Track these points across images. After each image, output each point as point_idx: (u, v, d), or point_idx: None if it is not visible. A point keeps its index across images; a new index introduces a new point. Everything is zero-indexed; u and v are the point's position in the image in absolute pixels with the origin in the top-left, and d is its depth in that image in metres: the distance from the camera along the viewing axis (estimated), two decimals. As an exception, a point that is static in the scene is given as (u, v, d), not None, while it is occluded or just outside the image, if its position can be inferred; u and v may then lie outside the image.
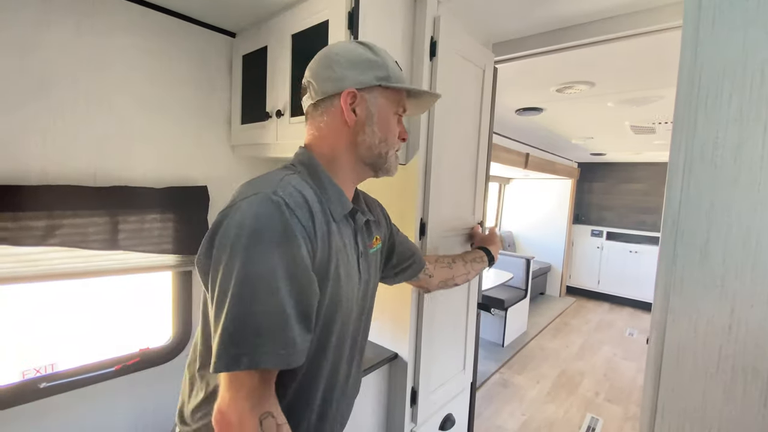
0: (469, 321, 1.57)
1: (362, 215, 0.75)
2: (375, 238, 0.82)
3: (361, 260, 0.73)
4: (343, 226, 0.69)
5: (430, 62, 1.24)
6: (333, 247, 0.64)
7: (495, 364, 3.34)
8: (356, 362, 0.79)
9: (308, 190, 0.63)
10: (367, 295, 0.78)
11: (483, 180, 1.57)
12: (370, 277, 0.78)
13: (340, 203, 0.68)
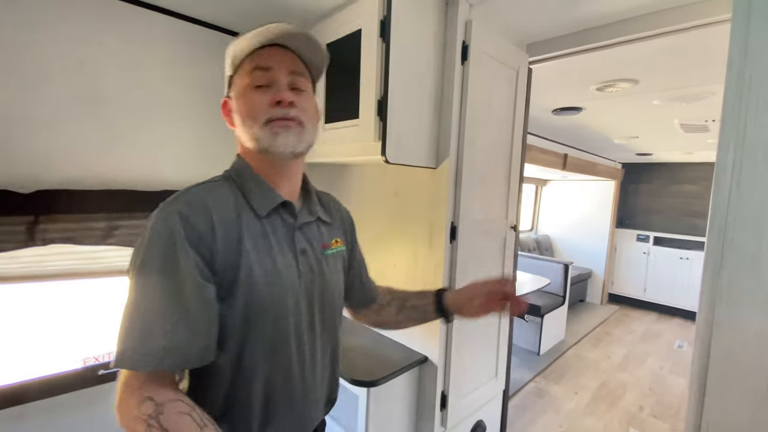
0: (501, 327, 1.54)
1: (309, 216, 0.74)
2: (335, 240, 0.79)
3: (302, 258, 0.69)
4: (275, 220, 0.68)
5: (462, 66, 1.24)
6: (243, 242, 0.62)
7: (530, 372, 3.24)
8: (319, 362, 0.73)
9: (217, 195, 0.64)
10: (315, 293, 0.71)
11: (517, 182, 1.54)
12: (317, 276, 0.72)
13: (264, 199, 0.67)
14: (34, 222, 1.08)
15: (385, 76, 1.09)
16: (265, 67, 0.65)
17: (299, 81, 0.68)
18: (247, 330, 0.62)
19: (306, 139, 0.68)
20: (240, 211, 0.64)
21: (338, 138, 1.27)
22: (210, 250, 0.59)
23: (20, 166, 1.11)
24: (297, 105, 0.66)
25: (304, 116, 0.67)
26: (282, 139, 0.64)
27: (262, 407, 0.65)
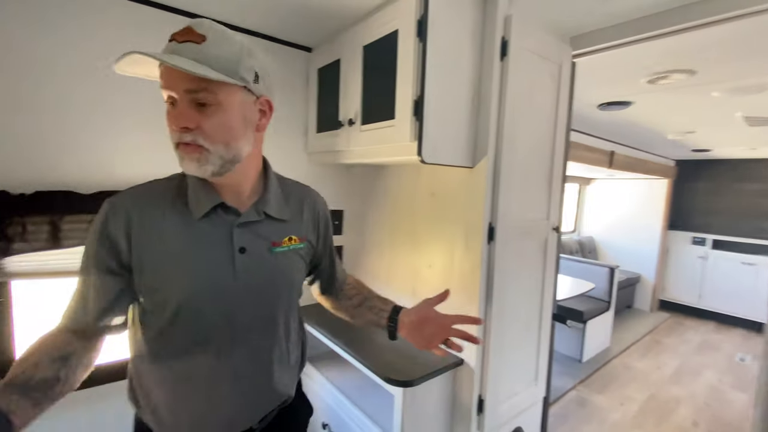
0: (542, 331, 1.49)
1: (253, 212, 0.74)
2: (289, 237, 0.80)
3: (240, 255, 0.72)
4: (214, 220, 0.71)
5: (501, 63, 1.21)
6: (169, 243, 0.67)
7: (571, 380, 3.10)
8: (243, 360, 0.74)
9: (155, 191, 0.71)
10: (258, 290, 0.75)
11: (559, 181, 1.48)
12: (258, 271, 0.74)
13: (200, 201, 0.70)
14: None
15: (421, 75, 1.08)
16: (165, 86, 0.63)
17: (202, 96, 0.62)
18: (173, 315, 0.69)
19: (212, 161, 0.65)
20: (172, 210, 0.69)
21: (374, 139, 1.28)
22: (120, 251, 0.67)
23: (85, 168, 1.21)
24: (198, 126, 0.63)
25: (204, 138, 0.63)
26: (186, 164, 0.66)
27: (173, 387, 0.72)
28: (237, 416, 0.76)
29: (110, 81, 1.23)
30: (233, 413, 0.75)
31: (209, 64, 0.60)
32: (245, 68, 0.65)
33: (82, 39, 1.19)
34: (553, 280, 1.52)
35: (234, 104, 0.65)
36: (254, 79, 0.67)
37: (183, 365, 0.71)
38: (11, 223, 1.07)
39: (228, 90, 0.64)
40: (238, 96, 0.66)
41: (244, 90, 0.67)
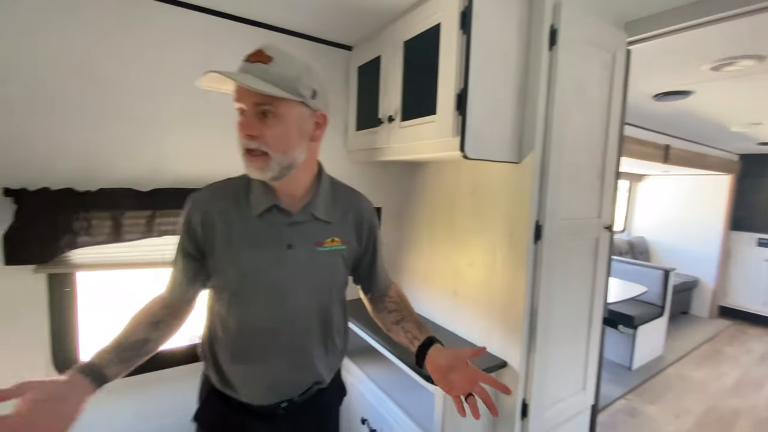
0: (591, 336, 1.41)
1: (303, 214, 0.83)
2: (332, 239, 0.87)
3: (288, 250, 0.81)
4: (269, 218, 0.81)
5: (549, 52, 1.15)
6: (232, 235, 0.80)
7: (619, 388, 2.92)
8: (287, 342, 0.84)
9: (225, 191, 0.83)
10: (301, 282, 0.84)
11: (612, 177, 1.39)
12: (302, 266, 0.83)
13: (259, 200, 0.81)
14: (151, 216, 1.25)
15: (465, 69, 1.05)
16: (237, 98, 0.73)
17: (266, 108, 0.71)
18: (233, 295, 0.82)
19: (272, 167, 0.74)
20: (236, 208, 0.81)
21: (414, 135, 1.26)
22: (199, 240, 0.81)
23: (141, 167, 1.29)
24: (261, 135, 0.72)
25: (267, 146, 0.73)
26: (251, 170, 0.76)
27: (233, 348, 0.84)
28: (281, 387, 0.87)
29: (159, 94, 1.31)
30: (279, 384, 0.86)
31: (274, 81, 0.70)
32: (304, 86, 0.74)
33: (135, 53, 1.26)
34: (604, 282, 1.43)
35: (292, 117, 0.74)
36: (312, 95, 0.76)
37: (240, 338, 0.83)
38: (77, 218, 1.15)
39: (288, 104, 0.73)
40: (296, 110, 0.74)
41: (302, 105, 0.75)
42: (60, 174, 1.16)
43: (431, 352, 0.85)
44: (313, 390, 0.91)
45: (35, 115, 1.14)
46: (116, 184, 1.22)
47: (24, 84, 1.11)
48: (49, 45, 1.14)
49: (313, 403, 0.93)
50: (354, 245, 0.93)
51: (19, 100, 1.11)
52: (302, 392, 0.89)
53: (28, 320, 1.17)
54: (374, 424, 1.48)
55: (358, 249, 0.95)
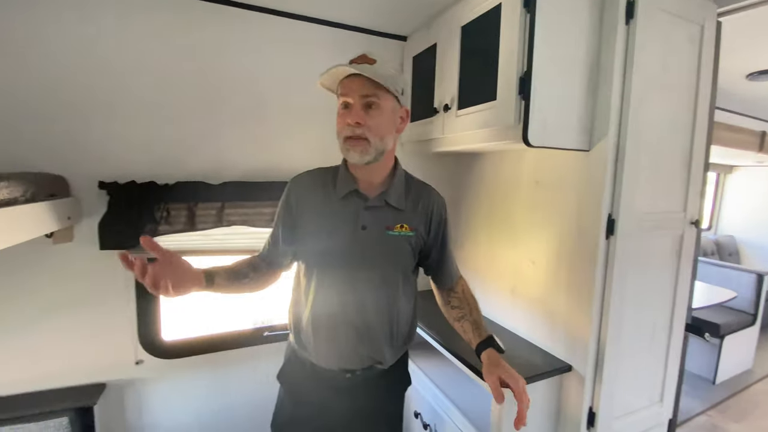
0: (672, 343, 1.27)
1: (378, 200, 0.95)
2: (401, 225, 0.96)
3: (362, 231, 0.93)
4: (349, 201, 0.95)
5: (626, 27, 1.04)
6: (319, 212, 0.95)
7: (700, 403, 2.62)
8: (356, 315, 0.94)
9: (316, 176, 1.00)
10: (370, 261, 0.94)
11: (700, 167, 1.23)
12: (371, 246, 0.94)
13: (343, 185, 0.95)
14: (221, 208, 1.34)
15: (528, 50, 0.98)
16: (345, 94, 0.88)
17: (371, 100, 0.86)
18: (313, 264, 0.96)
19: (370, 152, 0.88)
20: (323, 192, 0.96)
21: (471, 124, 1.21)
22: (294, 215, 0.97)
23: (210, 163, 1.38)
24: (365, 123, 0.86)
25: (370, 133, 0.86)
26: (351, 154, 0.89)
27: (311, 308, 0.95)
28: (346, 357, 0.97)
29: (224, 95, 1.39)
30: (344, 353, 0.96)
31: (381, 79, 0.85)
32: (398, 84, 0.90)
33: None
34: (688, 284, 1.28)
35: (388, 109, 0.89)
36: (401, 93, 0.92)
37: (315, 306, 0.95)
38: (158, 209, 1.27)
39: (386, 97, 0.88)
40: (390, 103, 0.90)
41: (395, 100, 0.91)
42: (143, 169, 1.29)
43: (484, 356, 0.96)
44: (375, 369, 1.00)
45: (120, 116, 1.26)
46: (190, 177, 1.33)
47: (107, 90, 1.24)
48: (127, 51, 1.25)
49: (373, 383, 1.01)
50: (422, 234, 1.01)
51: (107, 104, 1.24)
52: (364, 367, 0.98)
53: (119, 301, 1.32)
54: (427, 419, 1.47)
55: (426, 238, 1.02)
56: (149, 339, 1.37)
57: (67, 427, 1.19)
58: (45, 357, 1.25)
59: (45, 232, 1.02)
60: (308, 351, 0.98)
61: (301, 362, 1.02)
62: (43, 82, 1.17)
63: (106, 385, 1.32)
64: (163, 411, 1.43)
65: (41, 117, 1.18)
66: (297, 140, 1.51)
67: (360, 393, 1.00)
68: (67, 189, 1.20)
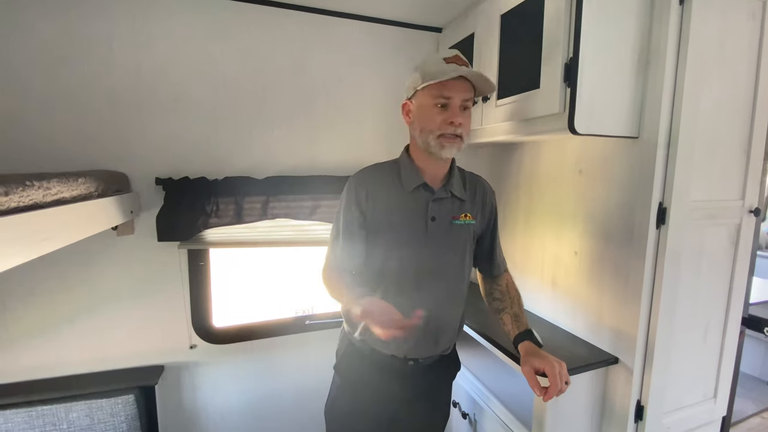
0: (727, 338, 1.21)
1: (445, 193, 0.99)
2: (465, 214, 1.01)
3: (432, 223, 0.97)
4: (417, 194, 0.97)
5: (681, 6, 0.99)
6: (389, 206, 0.96)
7: (754, 404, 2.48)
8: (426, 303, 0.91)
9: (381, 172, 1.01)
10: (435, 247, 0.98)
11: (760, 152, 1.16)
12: (440, 236, 0.98)
13: (410, 180, 0.97)
14: (266, 201, 1.39)
15: (575, 35, 0.96)
16: (447, 94, 0.90)
17: (467, 103, 0.93)
18: (385, 257, 0.97)
19: (461, 147, 0.94)
20: (390, 186, 0.98)
21: (513, 113, 1.20)
22: (364, 210, 0.97)
23: (257, 158, 1.44)
24: (463, 123, 0.91)
25: (464, 132, 0.93)
26: (446, 151, 0.92)
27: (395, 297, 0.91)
28: (420, 346, 1.01)
29: (266, 93, 1.45)
30: (418, 344, 1.00)
31: (487, 84, 0.94)
32: (487, 91, 0.97)
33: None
34: (745, 277, 1.21)
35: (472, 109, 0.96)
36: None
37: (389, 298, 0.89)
38: (209, 203, 1.34)
39: (472, 100, 0.95)
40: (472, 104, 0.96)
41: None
42: (196, 165, 1.37)
43: (521, 348, 0.97)
44: (436, 356, 1.05)
45: (175, 116, 1.34)
46: (237, 173, 1.39)
47: (165, 92, 1.32)
48: (183, 54, 1.33)
49: (433, 368, 1.06)
50: (479, 222, 1.06)
51: (159, 106, 1.32)
52: (430, 355, 1.03)
53: (174, 289, 1.41)
54: (466, 408, 1.48)
55: (482, 226, 1.08)
56: (202, 325, 1.46)
57: (133, 403, 1.30)
58: (110, 340, 1.36)
59: (113, 224, 1.10)
60: (372, 340, 1.00)
61: (358, 351, 1.05)
62: (107, 88, 1.26)
63: (164, 367, 1.43)
64: (215, 393, 1.53)
65: (104, 119, 1.27)
66: (337, 136, 1.55)
67: (420, 378, 1.05)
68: (128, 185, 1.29)
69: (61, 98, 1.22)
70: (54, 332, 1.30)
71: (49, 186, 0.77)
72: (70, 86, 1.23)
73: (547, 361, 0.87)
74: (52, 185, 0.78)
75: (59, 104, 1.22)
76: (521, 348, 0.96)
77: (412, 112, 0.97)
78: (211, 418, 1.53)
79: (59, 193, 0.81)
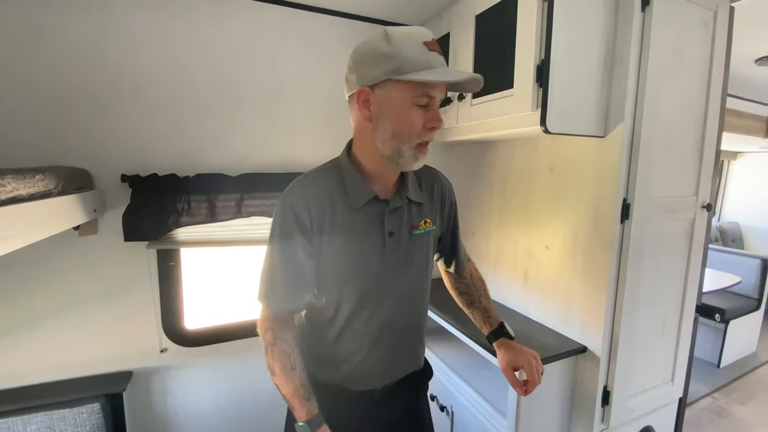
0: (683, 324, 1.30)
1: (400, 200, 0.82)
2: (425, 220, 0.87)
3: (390, 239, 0.80)
4: (368, 208, 0.79)
5: (642, 14, 1.05)
6: (335, 228, 0.77)
7: (705, 386, 2.67)
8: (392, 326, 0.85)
9: (319, 186, 0.78)
10: (401, 267, 0.83)
11: (712, 153, 1.25)
12: (402, 253, 0.83)
13: (358, 195, 0.78)
14: (240, 199, 1.36)
15: (546, 37, 1.00)
16: (433, 95, 0.71)
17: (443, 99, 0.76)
18: (340, 289, 0.80)
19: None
20: (333, 203, 0.77)
21: (488, 112, 1.23)
22: (309, 234, 0.76)
23: (231, 154, 1.40)
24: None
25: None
26: (418, 163, 0.76)
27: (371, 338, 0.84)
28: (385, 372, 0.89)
29: (240, 89, 1.41)
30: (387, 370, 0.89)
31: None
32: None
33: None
34: (699, 267, 1.31)
35: None
36: None
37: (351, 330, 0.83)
38: (180, 200, 1.29)
39: None
40: None
41: None
42: (165, 162, 1.31)
43: (496, 347, 0.94)
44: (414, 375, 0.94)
45: (142, 110, 1.28)
46: (209, 170, 1.35)
47: (131, 85, 1.26)
48: (148, 45, 1.27)
49: (406, 385, 0.94)
50: (439, 223, 0.93)
51: (125, 99, 1.26)
52: (402, 377, 0.91)
53: (143, 290, 1.35)
54: (443, 401, 1.51)
55: (442, 226, 0.95)
56: (173, 327, 1.41)
57: (99, 412, 1.24)
58: (73, 346, 1.29)
59: (75, 223, 1.04)
60: (334, 376, 0.86)
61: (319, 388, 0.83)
62: (65, 78, 1.19)
63: (133, 372, 1.36)
64: (187, 398, 1.47)
65: (63, 111, 1.20)
66: (313, 132, 1.53)
67: (395, 399, 0.93)
68: (91, 182, 1.22)
69: (15, 90, 1.14)
70: (11, 340, 1.22)
71: (3, 183, 0.72)
72: (26, 76, 1.14)
73: (524, 357, 0.87)
74: (7, 182, 0.73)
75: (13, 96, 1.14)
76: (497, 346, 0.94)
77: (373, 106, 0.71)
78: (184, 423, 1.48)
79: (15, 191, 0.76)
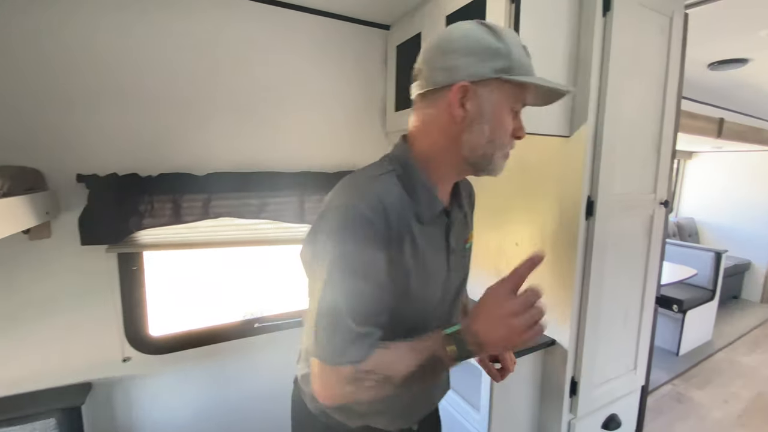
0: (643, 316, 1.37)
1: (459, 211, 0.73)
2: (470, 233, 0.79)
3: (452, 257, 0.71)
4: (433, 226, 0.67)
5: (603, 18, 1.09)
6: (415, 248, 0.63)
7: (665, 374, 2.83)
8: None
9: (392, 195, 0.62)
10: (450, 287, 0.73)
11: (669, 152, 1.32)
12: (454, 271, 0.73)
13: (429, 207, 0.65)
14: (207, 199, 1.31)
15: (514, 39, 1.02)
16: (526, 103, 0.66)
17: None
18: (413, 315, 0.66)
19: None
20: (406, 215, 0.63)
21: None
22: (389, 251, 0.60)
23: (197, 153, 1.35)
24: None
25: None
26: (501, 170, 0.68)
27: None
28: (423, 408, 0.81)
29: (207, 85, 1.36)
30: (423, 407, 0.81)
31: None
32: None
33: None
34: (658, 261, 1.38)
35: None
36: None
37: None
38: (142, 201, 1.23)
39: None
40: None
41: None
42: (126, 161, 1.24)
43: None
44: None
45: (99, 107, 1.21)
46: (174, 169, 1.29)
47: (86, 80, 1.18)
48: (106, 39, 1.20)
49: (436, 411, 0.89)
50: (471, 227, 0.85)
51: (82, 95, 1.18)
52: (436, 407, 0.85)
53: (103, 297, 1.28)
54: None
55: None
56: (136, 335, 1.34)
57: (55, 428, 1.16)
58: (27, 357, 1.20)
59: (24, 227, 0.97)
60: (360, 418, 0.73)
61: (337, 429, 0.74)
62: (14, 71, 1.10)
63: (93, 384, 1.29)
64: (155, 407, 1.41)
65: (12, 107, 1.11)
66: (283, 131, 1.50)
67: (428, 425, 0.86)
68: (43, 183, 1.14)
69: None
70: (-49, 353, 1.12)
71: (-60, 183, 0.66)
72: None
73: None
74: (-56, 183, 0.67)
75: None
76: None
77: (471, 104, 0.61)
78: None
79: (-47, 192, 0.70)
